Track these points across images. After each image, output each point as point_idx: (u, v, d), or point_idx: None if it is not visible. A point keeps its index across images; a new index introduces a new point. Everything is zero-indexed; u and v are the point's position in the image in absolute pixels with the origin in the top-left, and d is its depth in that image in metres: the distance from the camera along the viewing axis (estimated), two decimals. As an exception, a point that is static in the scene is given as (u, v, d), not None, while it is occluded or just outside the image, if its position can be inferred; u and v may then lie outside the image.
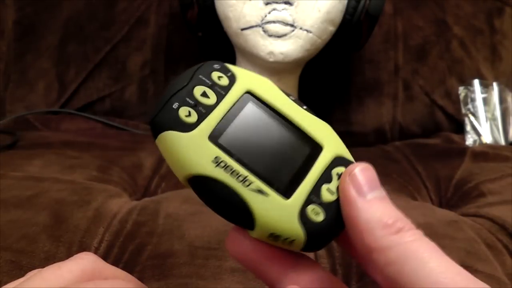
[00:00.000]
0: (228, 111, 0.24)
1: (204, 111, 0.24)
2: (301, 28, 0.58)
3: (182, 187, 0.55)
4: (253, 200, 0.23)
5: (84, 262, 0.24)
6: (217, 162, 0.23)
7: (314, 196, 0.24)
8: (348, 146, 0.27)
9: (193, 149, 0.23)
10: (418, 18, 0.80)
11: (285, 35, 0.57)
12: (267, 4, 0.57)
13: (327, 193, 0.24)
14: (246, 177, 0.23)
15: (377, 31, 0.76)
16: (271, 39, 0.57)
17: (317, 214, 0.23)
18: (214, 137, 0.24)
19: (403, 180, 0.61)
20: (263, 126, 0.25)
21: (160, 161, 0.62)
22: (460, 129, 0.77)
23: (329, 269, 0.40)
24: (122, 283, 0.24)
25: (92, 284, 0.23)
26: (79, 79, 0.77)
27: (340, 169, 0.25)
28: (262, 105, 0.25)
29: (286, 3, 0.57)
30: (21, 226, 0.42)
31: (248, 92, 0.25)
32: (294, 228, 0.23)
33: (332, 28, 0.60)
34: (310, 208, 0.24)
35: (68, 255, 0.40)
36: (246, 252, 0.24)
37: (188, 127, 0.24)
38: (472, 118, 0.76)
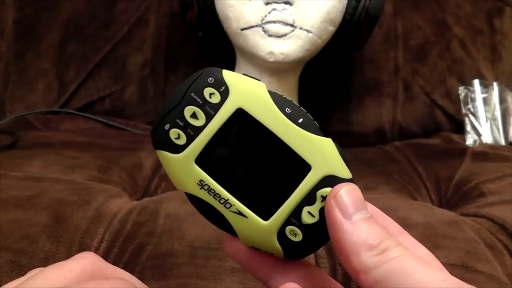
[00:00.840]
0: (216, 132, 0.25)
1: (192, 134, 0.25)
2: (301, 28, 0.58)
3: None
4: (234, 221, 0.25)
5: (85, 262, 0.24)
6: (201, 185, 0.25)
7: (293, 218, 0.25)
8: (348, 146, 0.27)
9: (181, 171, 0.25)
10: (418, 18, 0.80)
11: (285, 35, 0.57)
12: (267, 4, 0.57)
13: (308, 216, 0.25)
14: (227, 200, 0.25)
15: (377, 31, 0.76)
16: (271, 39, 0.57)
17: (295, 235, 0.25)
18: (199, 160, 0.25)
19: (403, 180, 0.61)
20: (251, 147, 0.25)
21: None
22: (460, 129, 0.77)
23: (329, 269, 0.40)
24: (123, 283, 0.24)
25: (93, 283, 0.23)
26: (79, 79, 0.77)
27: (325, 191, 0.24)
28: (253, 123, 0.25)
29: (286, 3, 0.57)
30: (21, 226, 0.42)
31: (240, 110, 0.25)
32: (272, 245, 0.25)
33: (332, 28, 0.60)
34: (288, 229, 0.25)
35: (68, 255, 0.40)
36: (240, 254, 0.26)
37: (177, 149, 0.25)
38: (472, 118, 0.76)
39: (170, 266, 0.39)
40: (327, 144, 0.25)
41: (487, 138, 0.75)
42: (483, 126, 0.76)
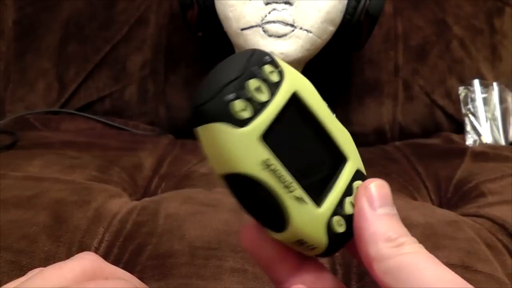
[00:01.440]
0: (279, 111, 0.23)
1: (258, 107, 0.22)
2: (301, 28, 0.58)
3: (182, 187, 0.55)
4: (292, 207, 0.23)
5: (85, 262, 0.24)
6: (267, 165, 0.22)
7: (339, 208, 0.24)
8: None
9: (243, 148, 0.21)
10: (418, 18, 0.80)
11: (285, 35, 0.57)
12: (267, 4, 0.57)
13: (349, 206, 0.25)
14: (291, 183, 0.23)
15: (377, 31, 0.75)
16: (271, 39, 0.57)
17: (340, 226, 0.24)
18: (265, 137, 0.22)
19: (403, 180, 0.61)
20: (303, 133, 0.24)
21: (160, 161, 0.62)
22: (460, 129, 0.77)
23: (329, 269, 0.40)
24: (123, 283, 0.24)
25: (93, 284, 0.23)
26: (79, 79, 0.77)
27: (358, 183, 0.25)
28: (304, 110, 0.24)
29: (286, 3, 0.57)
30: (21, 226, 0.42)
31: (295, 94, 0.24)
32: (320, 237, 0.24)
33: (332, 28, 0.60)
34: (336, 219, 0.24)
35: (68, 255, 0.40)
36: (260, 249, 0.25)
37: (240, 123, 0.21)
38: (472, 118, 0.76)
39: (170, 266, 0.39)
40: (352, 140, 0.26)
41: (487, 138, 0.75)
42: (483, 126, 0.76)
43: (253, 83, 0.22)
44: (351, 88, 0.78)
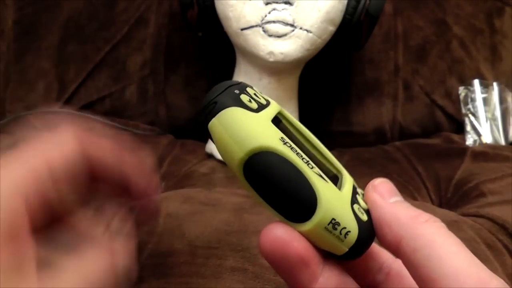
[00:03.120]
0: (275, 115, 0.25)
1: (260, 104, 0.24)
2: (301, 28, 0.58)
3: (182, 187, 0.55)
4: (318, 182, 0.22)
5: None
6: (284, 141, 0.23)
7: (355, 199, 0.25)
8: (348, 146, 0.28)
9: (262, 125, 0.23)
10: (418, 18, 0.80)
11: (285, 35, 0.57)
12: (267, 4, 0.57)
13: (362, 201, 0.25)
14: (308, 161, 0.23)
15: (377, 31, 0.76)
16: (271, 39, 0.57)
17: (362, 214, 0.24)
18: (275, 123, 0.24)
19: (403, 180, 0.61)
20: (300, 140, 0.26)
21: (160, 161, 0.62)
22: (460, 129, 0.77)
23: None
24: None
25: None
26: (79, 79, 0.77)
27: (361, 191, 0.26)
28: (294, 125, 0.26)
29: (286, 3, 0.57)
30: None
31: (280, 112, 0.26)
32: (351, 218, 0.23)
33: (332, 28, 0.60)
34: (356, 206, 0.24)
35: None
36: (282, 254, 0.23)
37: (252, 109, 0.23)
38: (472, 118, 0.76)
39: (170, 265, 0.39)
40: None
41: (487, 138, 0.75)
42: (483, 126, 0.76)
43: (244, 97, 0.24)
44: (351, 88, 0.78)
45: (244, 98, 0.23)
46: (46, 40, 0.78)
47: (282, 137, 0.23)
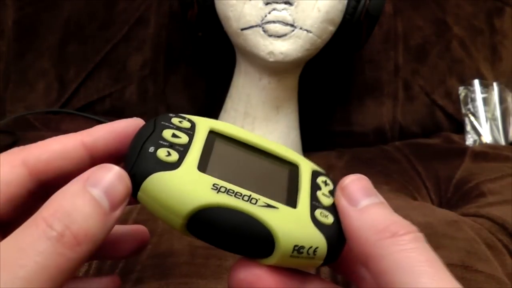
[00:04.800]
0: (203, 146, 0.24)
1: (181, 149, 0.23)
2: (301, 28, 0.58)
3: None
4: (267, 216, 0.22)
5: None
6: (217, 188, 0.22)
7: (315, 202, 0.24)
8: (348, 146, 0.27)
9: (188, 183, 0.22)
10: (418, 18, 0.80)
11: (285, 35, 0.57)
12: (267, 4, 0.57)
13: (324, 197, 0.24)
14: (250, 195, 0.22)
15: (377, 31, 0.76)
16: (271, 39, 0.57)
17: (326, 217, 0.23)
18: (202, 169, 0.23)
19: (403, 180, 0.61)
20: (239, 156, 0.25)
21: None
22: (460, 129, 0.77)
23: (330, 277, 0.40)
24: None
25: None
26: (79, 79, 0.77)
27: (322, 178, 0.26)
28: (229, 139, 0.26)
29: (286, 3, 0.57)
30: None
31: (212, 130, 0.25)
32: (313, 233, 0.22)
33: (332, 28, 0.60)
34: (318, 212, 0.23)
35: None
36: (260, 282, 0.22)
37: (172, 166, 0.22)
38: (472, 118, 0.76)
39: (170, 265, 0.39)
40: (295, 152, 0.27)
41: (487, 138, 0.75)
42: (483, 126, 0.76)
43: (167, 132, 0.24)
44: (351, 88, 0.78)
45: (161, 154, 0.22)
46: (46, 40, 0.78)
47: (214, 184, 0.22)
